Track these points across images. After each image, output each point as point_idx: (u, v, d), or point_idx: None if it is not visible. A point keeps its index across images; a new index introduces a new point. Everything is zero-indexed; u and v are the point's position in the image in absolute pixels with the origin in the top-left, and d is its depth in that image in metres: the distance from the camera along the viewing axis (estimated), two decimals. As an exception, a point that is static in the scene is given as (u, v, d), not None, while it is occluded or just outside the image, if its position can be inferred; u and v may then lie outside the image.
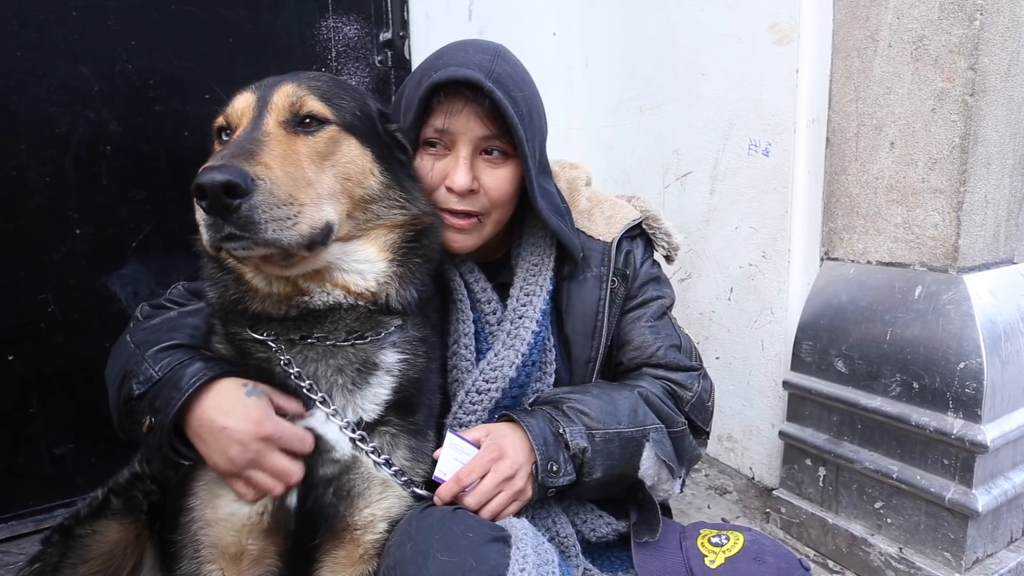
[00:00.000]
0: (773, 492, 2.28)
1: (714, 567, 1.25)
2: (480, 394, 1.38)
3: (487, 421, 1.38)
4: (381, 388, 1.24)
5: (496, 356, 1.39)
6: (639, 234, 1.56)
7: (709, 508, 2.36)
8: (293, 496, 1.22)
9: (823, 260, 2.27)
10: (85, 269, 2.06)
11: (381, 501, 1.25)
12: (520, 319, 1.42)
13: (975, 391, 1.76)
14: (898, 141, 1.99)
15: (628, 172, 2.92)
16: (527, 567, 1.09)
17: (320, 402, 1.20)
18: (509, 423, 1.34)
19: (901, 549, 1.90)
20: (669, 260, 1.62)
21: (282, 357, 1.20)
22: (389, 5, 2.49)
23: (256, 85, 1.20)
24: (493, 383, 1.38)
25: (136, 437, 1.23)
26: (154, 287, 2.15)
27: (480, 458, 1.26)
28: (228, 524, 1.21)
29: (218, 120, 1.21)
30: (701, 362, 1.55)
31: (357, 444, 1.22)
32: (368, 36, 2.48)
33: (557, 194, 1.51)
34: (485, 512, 1.24)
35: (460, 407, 1.38)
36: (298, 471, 1.17)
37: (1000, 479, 1.84)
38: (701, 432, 1.51)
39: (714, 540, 1.30)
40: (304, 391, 1.20)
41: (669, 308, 1.57)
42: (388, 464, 1.24)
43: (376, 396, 1.24)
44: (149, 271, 2.16)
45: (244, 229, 0.99)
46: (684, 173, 2.65)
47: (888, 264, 2.05)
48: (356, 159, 1.19)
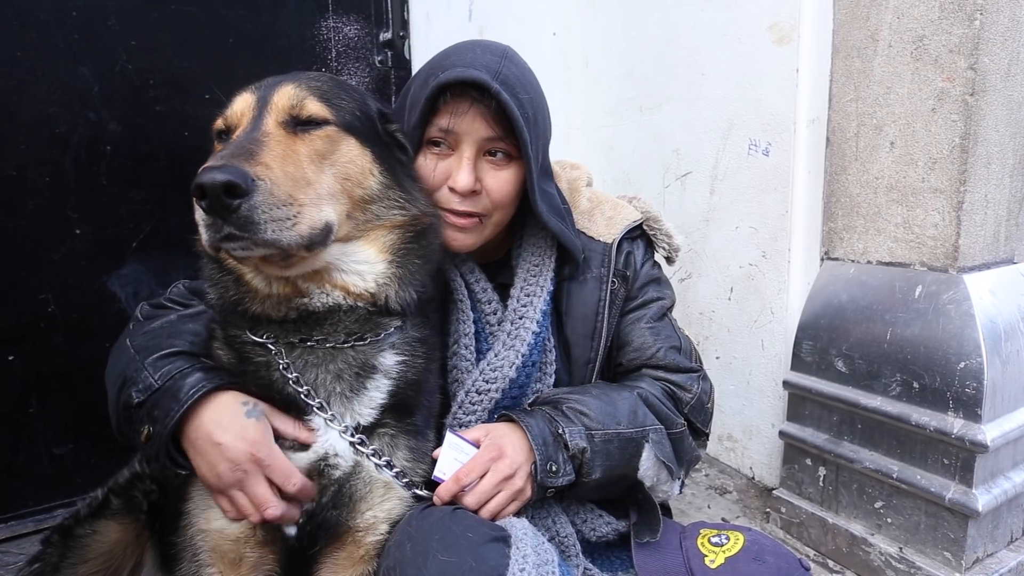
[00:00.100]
0: (773, 492, 2.28)
1: (714, 567, 1.24)
2: (480, 394, 1.38)
3: (487, 421, 1.38)
4: (377, 392, 1.24)
5: (496, 356, 1.39)
6: (640, 235, 1.56)
7: (709, 508, 2.36)
8: (292, 528, 1.22)
9: (823, 260, 2.27)
10: (85, 269, 2.06)
11: (383, 503, 1.25)
12: (520, 320, 1.41)
13: (975, 391, 1.76)
14: (898, 141, 1.99)
15: (628, 172, 2.92)
16: (527, 567, 1.09)
17: (317, 408, 1.20)
18: (508, 423, 1.34)
19: (901, 549, 1.90)
20: (670, 261, 1.62)
21: (281, 361, 1.20)
22: (389, 5, 2.49)
23: (255, 85, 1.20)
24: (493, 383, 1.38)
25: (134, 443, 1.23)
26: (154, 287, 2.14)
27: (479, 458, 1.26)
28: (223, 535, 1.22)
29: (217, 121, 1.21)
30: (701, 364, 1.55)
31: (357, 448, 1.22)
32: (368, 36, 2.48)
33: (558, 195, 1.50)
34: (485, 512, 1.24)
35: (460, 407, 1.38)
36: (276, 506, 1.15)
37: (1000, 479, 1.84)
38: (700, 433, 1.51)
39: (714, 540, 1.30)
40: (302, 397, 1.20)
41: (669, 309, 1.57)
42: (389, 466, 1.24)
43: (372, 400, 1.24)
44: (149, 271, 2.16)
45: (244, 229, 0.99)
46: (684, 173, 2.65)
47: (888, 264, 2.05)
48: (355, 159, 1.19)
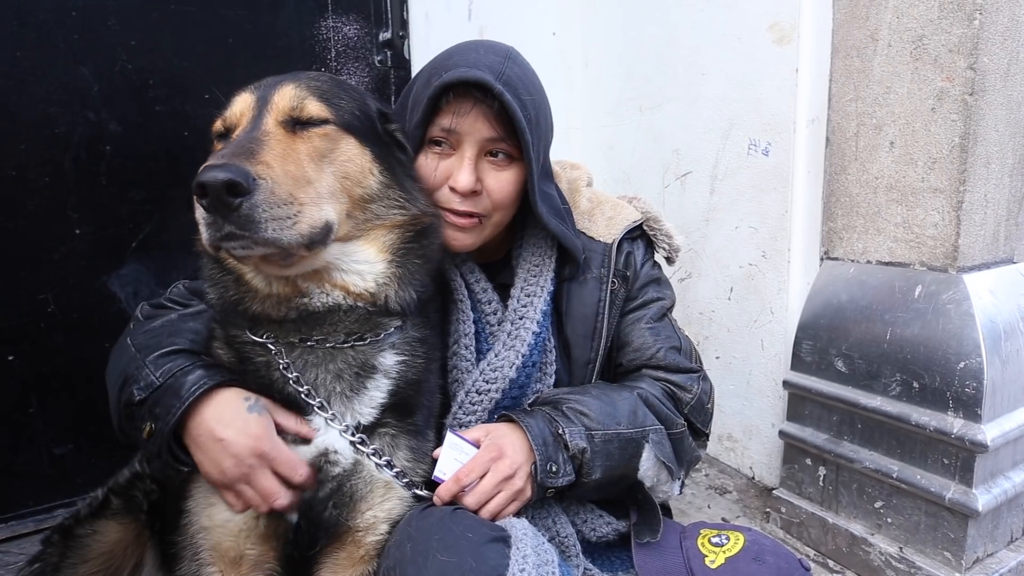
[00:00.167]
0: (773, 492, 2.28)
1: (714, 567, 1.24)
2: (480, 394, 1.38)
3: (487, 421, 1.38)
4: (377, 392, 1.24)
5: (496, 357, 1.39)
6: (640, 235, 1.56)
7: (709, 508, 2.36)
8: (295, 516, 1.22)
9: (823, 260, 2.27)
10: (85, 269, 2.06)
11: (383, 503, 1.25)
12: (521, 320, 1.41)
13: (975, 390, 1.76)
14: (898, 140, 1.99)
15: (628, 172, 2.92)
16: (527, 567, 1.09)
17: (318, 407, 1.20)
18: (509, 423, 1.34)
19: (901, 549, 1.90)
20: (670, 262, 1.62)
21: (281, 361, 1.20)
22: (389, 5, 2.49)
23: (255, 85, 1.20)
24: (493, 384, 1.37)
25: (136, 441, 1.24)
26: (154, 287, 2.15)
27: (479, 458, 1.26)
28: (224, 530, 1.22)
29: (217, 122, 1.21)
30: (701, 364, 1.55)
31: (358, 447, 1.22)
32: (368, 36, 2.48)
33: (558, 196, 1.50)
34: (485, 512, 1.24)
35: (460, 407, 1.38)
36: (284, 496, 1.16)
37: (1000, 478, 1.84)
38: (700, 434, 1.51)
39: (714, 540, 1.30)
40: (302, 396, 1.20)
41: (669, 309, 1.57)
42: (390, 465, 1.24)
43: (372, 400, 1.24)
44: (149, 271, 2.16)
45: (244, 228, 0.99)
46: (684, 173, 2.65)
47: (888, 264, 2.05)
48: (355, 158, 1.19)
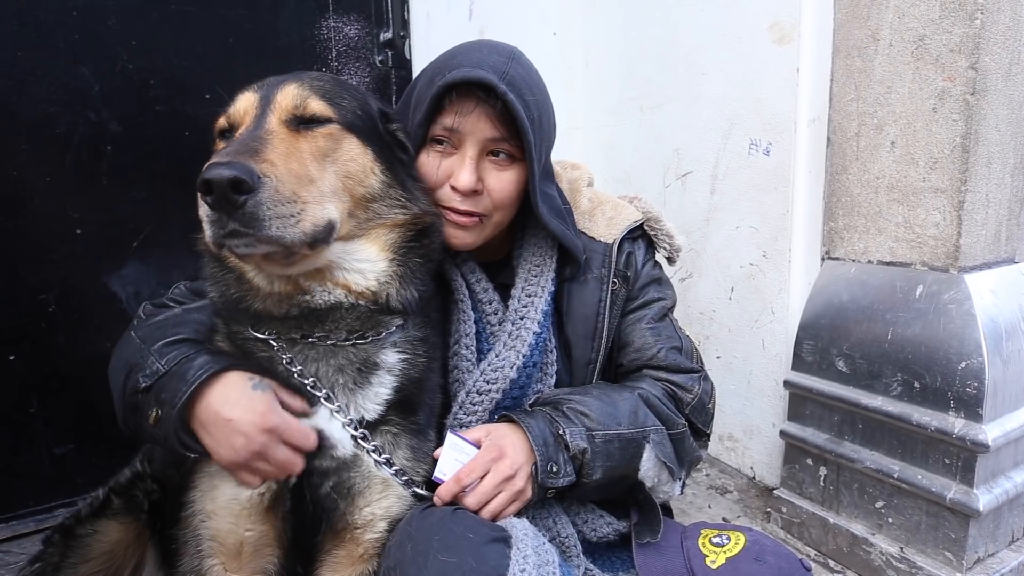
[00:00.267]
0: (774, 492, 2.28)
1: (715, 567, 1.24)
2: (481, 395, 1.38)
3: (487, 422, 1.38)
4: (382, 388, 1.25)
5: (497, 357, 1.39)
6: (641, 235, 1.56)
7: (710, 508, 2.36)
8: (294, 476, 1.23)
9: (824, 259, 2.26)
10: (86, 269, 2.06)
11: (381, 500, 1.25)
12: (521, 320, 1.41)
13: (976, 390, 1.75)
14: (899, 140, 1.99)
15: (628, 172, 2.92)
16: (527, 567, 1.09)
17: (324, 399, 1.21)
18: (509, 424, 1.34)
19: (902, 549, 1.90)
20: (671, 261, 1.62)
21: (284, 356, 1.21)
22: (389, 5, 2.49)
23: (258, 85, 1.20)
24: (494, 384, 1.37)
25: (141, 432, 1.24)
26: (155, 287, 2.15)
27: (480, 458, 1.26)
28: (228, 511, 1.22)
29: (220, 119, 1.21)
30: (702, 364, 1.55)
31: (359, 442, 1.22)
32: (368, 36, 2.48)
33: (559, 196, 1.50)
34: (485, 512, 1.23)
35: (461, 407, 1.38)
36: (300, 462, 1.19)
37: (1001, 478, 1.84)
38: (702, 434, 1.51)
39: (715, 540, 1.30)
40: (308, 388, 1.21)
41: (670, 310, 1.57)
42: (389, 463, 1.24)
43: (377, 396, 1.24)
44: (150, 271, 2.16)
45: (248, 225, 0.99)
46: (685, 172, 2.65)
47: (889, 263, 2.05)
48: (357, 157, 1.19)
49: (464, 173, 1.31)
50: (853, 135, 2.11)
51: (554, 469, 1.28)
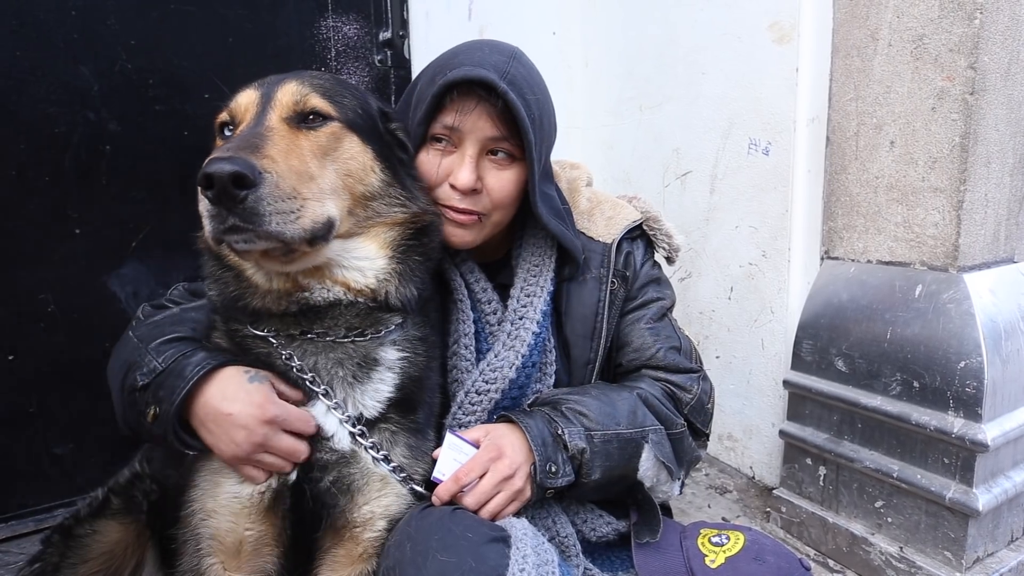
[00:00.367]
0: (773, 491, 2.28)
1: (714, 567, 1.24)
2: (479, 394, 1.38)
3: (486, 422, 1.38)
4: (383, 385, 1.25)
5: (496, 357, 1.39)
6: (640, 235, 1.56)
7: (709, 507, 2.36)
8: (294, 473, 1.23)
9: (823, 259, 2.27)
10: (85, 269, 2.06)
11: (380, 498, 1.25)
12: (520, 320, 1.41)
13: (975, 390, 1.76)
14: (898, 140, 1.99)
15: (628, 171, 2.92)
16: (527, 567, 1.09)
17: (323, 394, 1.21)
18: (508, 424, 1.34)
19: (901, 548, 1.90)
20: (670, 261, 1.62)
21: (283, 352, 1.21)
22: (389, 4, 2.49)
23: (259, 82, 1.21)
24: (493, 384, 1.37)
25: (140, 430, 1.25)
26: (154, 287, 2.15)
27: (479, 458, 1.26)
28: (229, 508, 1.22)
29: (221, 115, 1.22)
30: (701, 364, 1.55)
31: (356, 438, 1.23)
32: (368, 36, 2.48)
33: (558, 196, 1.50)
34: (484, 512, 1.24)
35: (459, 407, 1.38)
36: (305, 449, 1.20)
37: (1001, 478, 1.84)
38: (700, 434, 1.51)
39: (714, 540, 1.30)
40: (307, 383, 1.21)
41: (669, 309, 1.57)
42: (386, 460, 1.24)
43: (378, 392, 1.25)
44: (149, 271, 2.16)
45: (248, 221, 1.00)
46: (684, 172, 2.65)
47: (888, 263, 2.05)
48: (357, 155, 1.20)
49: (464, 171, 1.31)
50: (852, 135, 2.11)
51: (553, 469, 1.28)
